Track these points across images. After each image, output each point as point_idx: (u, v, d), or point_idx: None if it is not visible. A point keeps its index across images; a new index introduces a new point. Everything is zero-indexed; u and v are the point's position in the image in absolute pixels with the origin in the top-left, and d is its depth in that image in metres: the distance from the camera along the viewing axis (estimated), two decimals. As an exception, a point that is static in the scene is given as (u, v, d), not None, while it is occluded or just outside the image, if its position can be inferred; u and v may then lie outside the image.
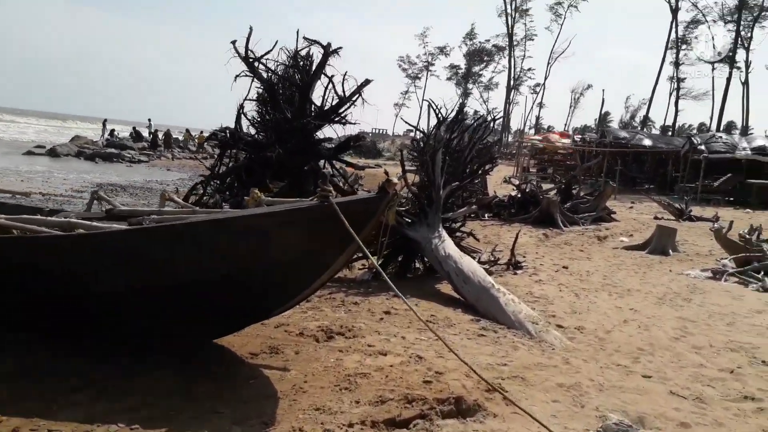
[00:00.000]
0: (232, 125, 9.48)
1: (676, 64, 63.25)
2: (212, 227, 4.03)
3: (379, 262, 8.43)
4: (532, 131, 78.13)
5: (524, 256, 10.87)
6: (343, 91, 9.30)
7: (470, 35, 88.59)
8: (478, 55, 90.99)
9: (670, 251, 11.76)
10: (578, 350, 5.40)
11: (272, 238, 3.95)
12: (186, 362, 4.45)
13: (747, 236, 10.06)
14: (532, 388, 4.33)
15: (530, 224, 16.26)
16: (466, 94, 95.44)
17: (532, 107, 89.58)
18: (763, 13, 59.16)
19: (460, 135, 8.63)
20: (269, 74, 9.41)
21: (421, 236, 7.95)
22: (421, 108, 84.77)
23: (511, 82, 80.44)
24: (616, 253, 11.88)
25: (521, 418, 3.64)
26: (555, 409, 3.97)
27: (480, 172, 12.63)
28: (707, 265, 10.56)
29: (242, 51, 9.17)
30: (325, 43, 9.17)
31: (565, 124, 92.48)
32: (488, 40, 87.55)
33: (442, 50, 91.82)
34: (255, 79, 9.31)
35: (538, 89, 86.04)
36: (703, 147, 28.00)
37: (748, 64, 62.78)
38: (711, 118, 65.18)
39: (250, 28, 9.09)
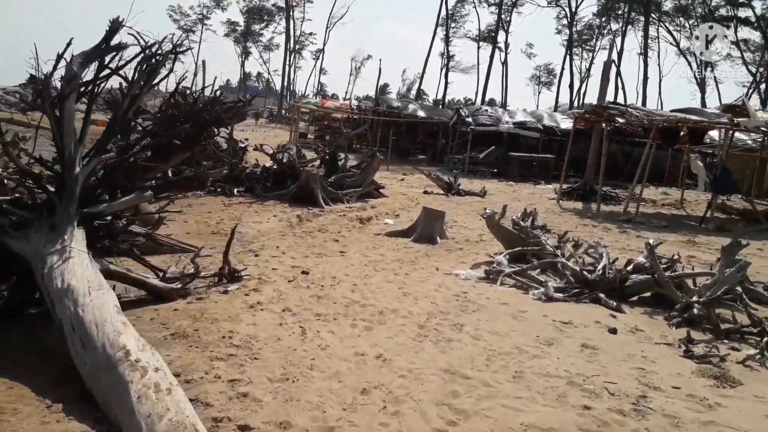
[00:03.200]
0: None
1: (446, 39, 65.93)
2: None
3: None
4: (318, 97, 76.21)
5: (257, 254, 7.94)
6: None
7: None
8: (258, 14, 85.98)
9: (438, 238, 9.82)
10: None
11: None
12: None
13: (521, 223, 8.39)
14: None
15: (287, 201, 13.48)
16: (246, 53, 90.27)
17: (311, 72, 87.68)
18: (520, -1, 64.25)
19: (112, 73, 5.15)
20: None
21: (32, 249, 4.45)
22: (196, 64, 77.70)
23: (291, 45, 77.22)
24: (377, 242, 9.57)
25: None
26: None
27: (199, 136, 9.34)
28: (479, 257, 8.74)
29: None
30: None
31: (346, 92, 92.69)
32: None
33: (219, 4, 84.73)
34: None
35: (322, 57, 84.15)
36: (470, 119, 28.04)
37: (507, 45, 68.27)
38: (476, 94, 69.89)
39: None
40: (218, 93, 9.53)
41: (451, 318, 5.65)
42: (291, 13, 75.07)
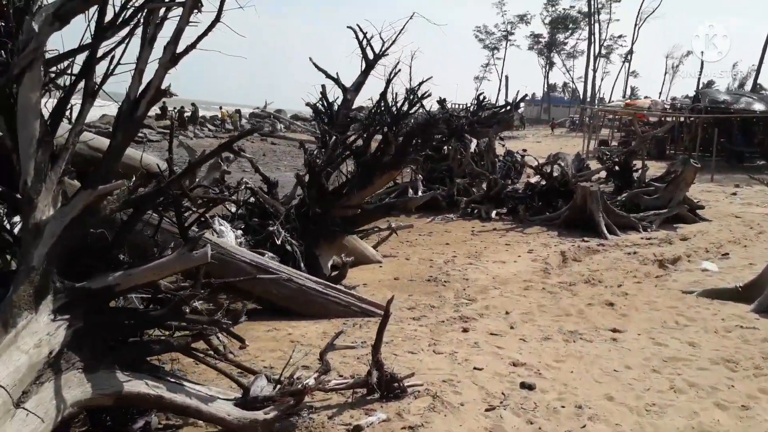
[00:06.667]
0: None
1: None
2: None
3: None
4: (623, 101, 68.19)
5: (466, 328, 5.01)
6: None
7: (552, 1, 79.13)
8: (562, 23, 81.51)
9: (811, 311, 5.41)
10: None
11: None
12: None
13: None
14: None
15: (556, 228, 10.16)
16: (549, 63, 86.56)
17: (617, 75, 79.31)
18: None
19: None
20: None
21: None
22: (500, 80, 77.42)
23: (595, 49, 70.62)
24: (685, 311, 5.64)
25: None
26: None
27: (408, 148, 6.85)
28: None
29: None
30: None
31: (660, 93, 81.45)
32: (573, 6, 77.73)
33: (522, 18, 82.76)
34: None
35: (630, 58, 75.03)
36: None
37: None
38: None
39: None
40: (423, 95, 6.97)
41: None
42: (596, 17, 68.87)
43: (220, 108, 44.91)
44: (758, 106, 26.21)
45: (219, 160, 7.80)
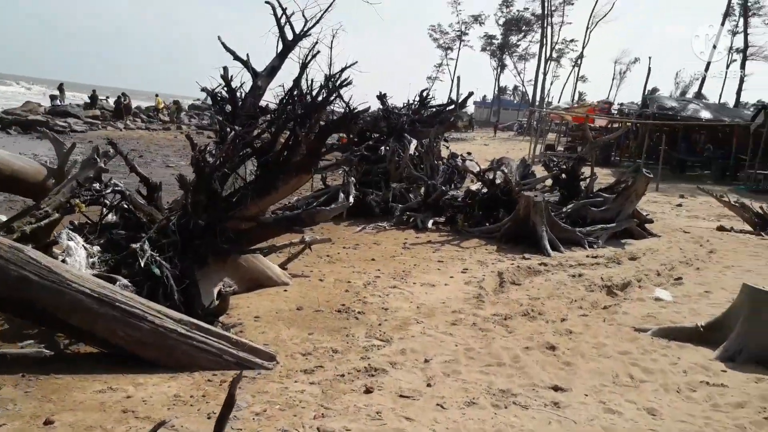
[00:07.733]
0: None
1: (746, 23, 51.81)
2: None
3: None
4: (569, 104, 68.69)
5: (370, 387, 3.87)
6: None
7: (507, 2, 79.23)
8: (516, 25, 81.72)
9: (785, 360, 4.53)
10: None
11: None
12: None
13: None
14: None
15: (497, 241, 9.21)
16: (501, 65, 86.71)
17: (566, 80, 80.00)
18: None
19: None
20: None
21: None
22: (452, 81, 76.65)
23: (546, 52, 70.88)
24: (640, 357, 4.67)
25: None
26: None
27: (320, 148, 5.69)
28: None
29: None
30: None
31: (607, 98, 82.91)
32: (527, 8, 78.06)
33: (477, 19, 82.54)
34: None
35: (580, 62, 75.79)
36: (785, 119, 20.03)
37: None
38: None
39: None
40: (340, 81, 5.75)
41: None
42: (549, 20, 68.98)
43: (156, 96, 42.22)
44: (705, 114, 26.31)
45: (95, 155, 6.40)
